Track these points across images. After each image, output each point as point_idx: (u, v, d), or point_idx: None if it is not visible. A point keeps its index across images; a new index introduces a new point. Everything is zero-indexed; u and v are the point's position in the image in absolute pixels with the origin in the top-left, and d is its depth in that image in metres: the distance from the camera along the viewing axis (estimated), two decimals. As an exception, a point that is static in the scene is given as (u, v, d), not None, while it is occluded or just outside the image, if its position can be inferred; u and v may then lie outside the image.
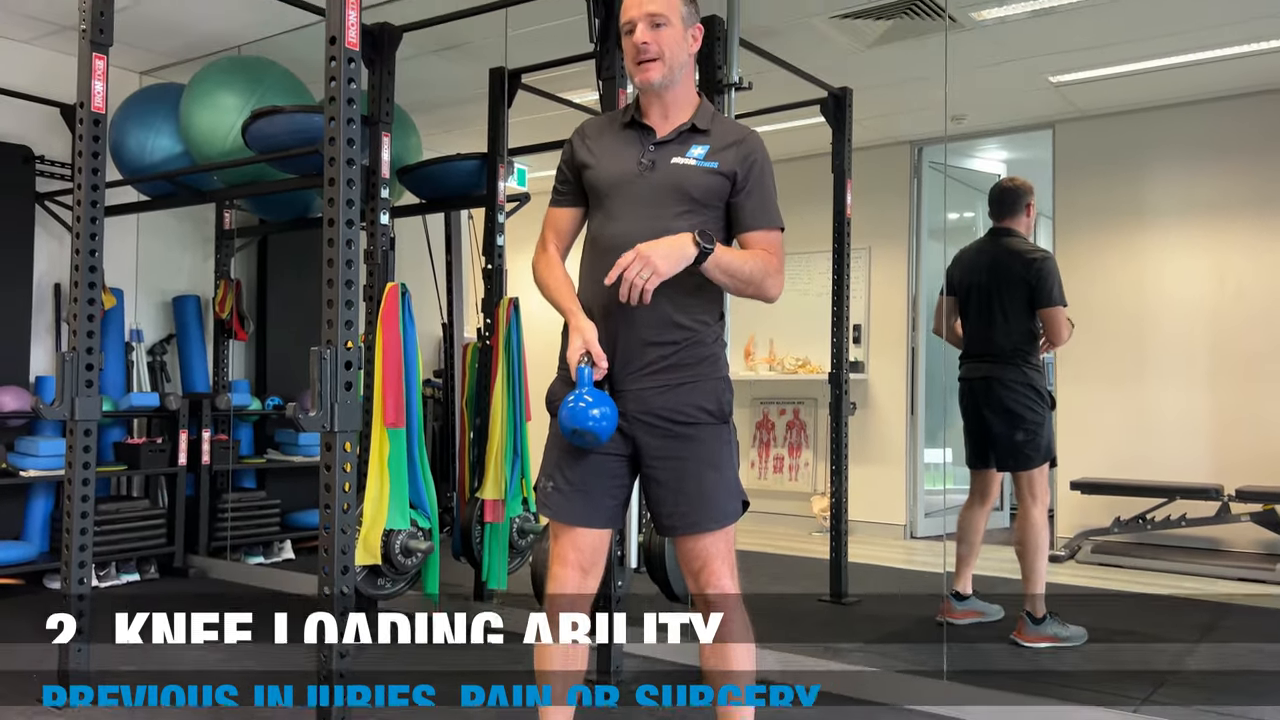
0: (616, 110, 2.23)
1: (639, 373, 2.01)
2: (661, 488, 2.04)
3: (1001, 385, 3.66)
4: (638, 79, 2.05)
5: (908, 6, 4.15)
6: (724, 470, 2.06)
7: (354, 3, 2.42)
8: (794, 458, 6.41)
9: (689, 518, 2.02)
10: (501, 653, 3.00)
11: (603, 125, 2.18)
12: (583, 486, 2.04)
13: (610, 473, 2.05)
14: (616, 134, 2.12)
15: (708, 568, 2.03)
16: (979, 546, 3.87)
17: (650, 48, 2.00)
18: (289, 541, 5.29)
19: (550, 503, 2.06)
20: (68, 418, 2.90)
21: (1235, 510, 4.90)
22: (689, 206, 2.02)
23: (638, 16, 2.01)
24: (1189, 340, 5.26)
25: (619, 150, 2.09)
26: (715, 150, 2.04)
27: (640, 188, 2.04)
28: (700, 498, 2.02)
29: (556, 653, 2.04)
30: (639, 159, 2.05)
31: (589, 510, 2.04)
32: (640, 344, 2.01)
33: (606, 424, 1.93)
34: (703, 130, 2.07)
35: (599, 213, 2.09)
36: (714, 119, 2.11)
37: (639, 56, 2.02)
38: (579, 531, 2.04)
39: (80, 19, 2.95)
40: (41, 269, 4.93)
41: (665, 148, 2.06)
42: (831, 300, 4.38)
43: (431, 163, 4.36)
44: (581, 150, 2.13)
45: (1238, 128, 5.17)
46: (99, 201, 2.99)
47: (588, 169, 2.10)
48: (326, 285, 2.38)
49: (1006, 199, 3.81)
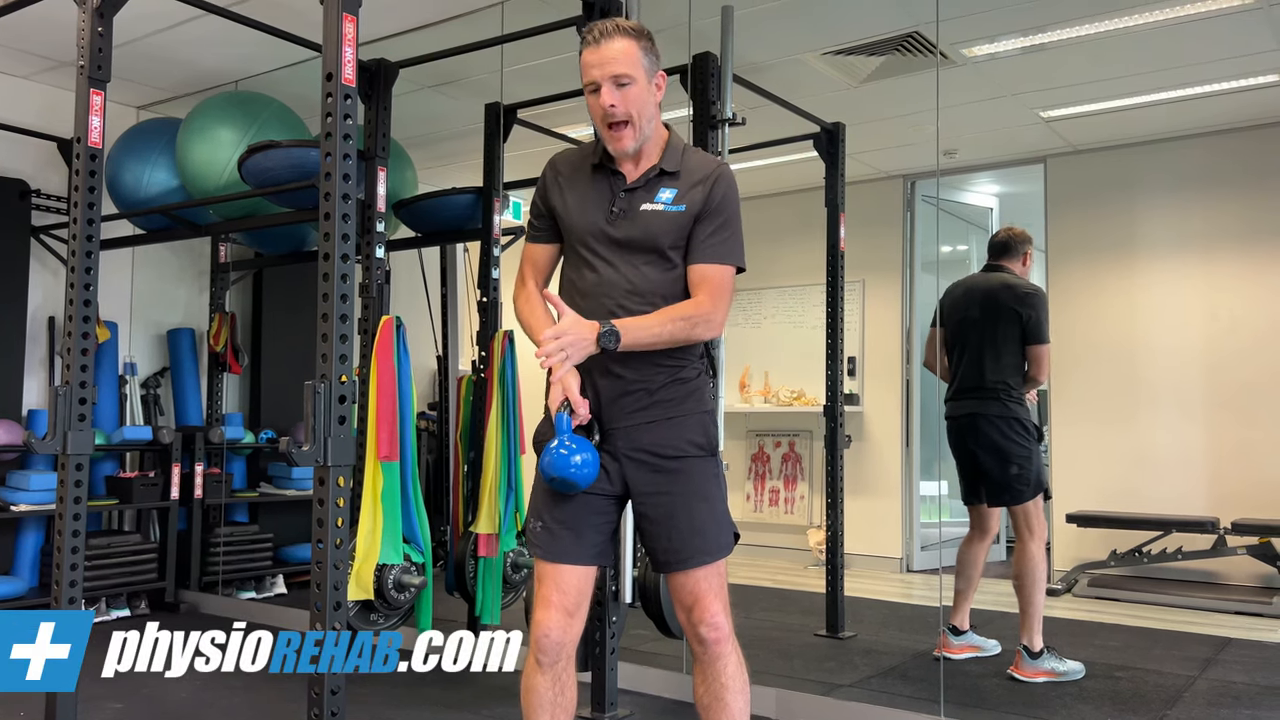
0: (586, 147, 2.18)
1: (625, 410, 2.02)
2: (654, 524, 2.03)
3: (987, 422, 3.69)
4: (612, 147, 2.03)
5: (899, 44, 4.20)
6: (714, 503, 2.06)
7: (351, 39, 2.44)
8: (789, 490, 6.39)
9: (681, 553, 2.01)
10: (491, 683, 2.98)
11: (575, 163, 2.14)
12: (570, 525, 2.03)
13: (597, 510, 2.05)
14: (587, 177, 2.10)
15: (700, 603, 2.01)
16: (978, 581, 3.86)
17: (618, 110, 1.97)
18: (281, 576, 5.25)
19: (539, 542, 2.05)
20: (60, 452, 2.88)
21: (1231, 543, 4.89)
22: (659, 253, 2.03)
23: (600, 78, 1.98)
24: (1182, 373, 5.27)
25: (590, 197, 2.07)
26: (683, 192, 2.03)
27: (613, 237, 2.03)
28: (691, 532, 2.01)
29: (546, 699, 2.01)
30: (609, 208, 2.04)
31: (577, 548, 2.03)
32: (624, 382, 2.02)
33: (587, 470, 1.93)
34: (671, 173, 2.06)
35: (574, 257, 2.10)
36: (683, 155, 2.09)
37: (607, 119, 2.00)
38: (564, 570, 2.02)
39: (78, 55, 2.98)
40: (36, 302, 4.94)
41: (635, 194, 2.04)
42: (826, 333, 4.39)
43: (427, 196, 4.38)
44: (554, 191, 2.12)
45: (1227, 162, 5.22)
46: (95, 235, 3.00)
47: (561, 211, 2.10)
48: (321, 319, 2.38)
49: (1008, 243, 3.89)
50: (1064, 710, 3.26)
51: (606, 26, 2.01)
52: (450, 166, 5.50)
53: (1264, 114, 5.00)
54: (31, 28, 4.23)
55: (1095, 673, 3.64)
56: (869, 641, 4.21)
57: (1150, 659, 3.93)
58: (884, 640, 4.26)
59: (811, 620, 4.42)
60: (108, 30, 3.01)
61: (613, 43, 1.98)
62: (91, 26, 2.97)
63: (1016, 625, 3.63)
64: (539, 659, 2.01)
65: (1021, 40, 4.20)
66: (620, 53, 1.98)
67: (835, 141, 4.38)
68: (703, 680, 2.04)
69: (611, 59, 1.98)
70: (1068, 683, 3.53)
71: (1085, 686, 3.51)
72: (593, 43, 1.99)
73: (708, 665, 2.03)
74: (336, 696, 2.34)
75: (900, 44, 4.20)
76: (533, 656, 2.02)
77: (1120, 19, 3.95)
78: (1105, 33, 4.06)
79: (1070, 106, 4.98)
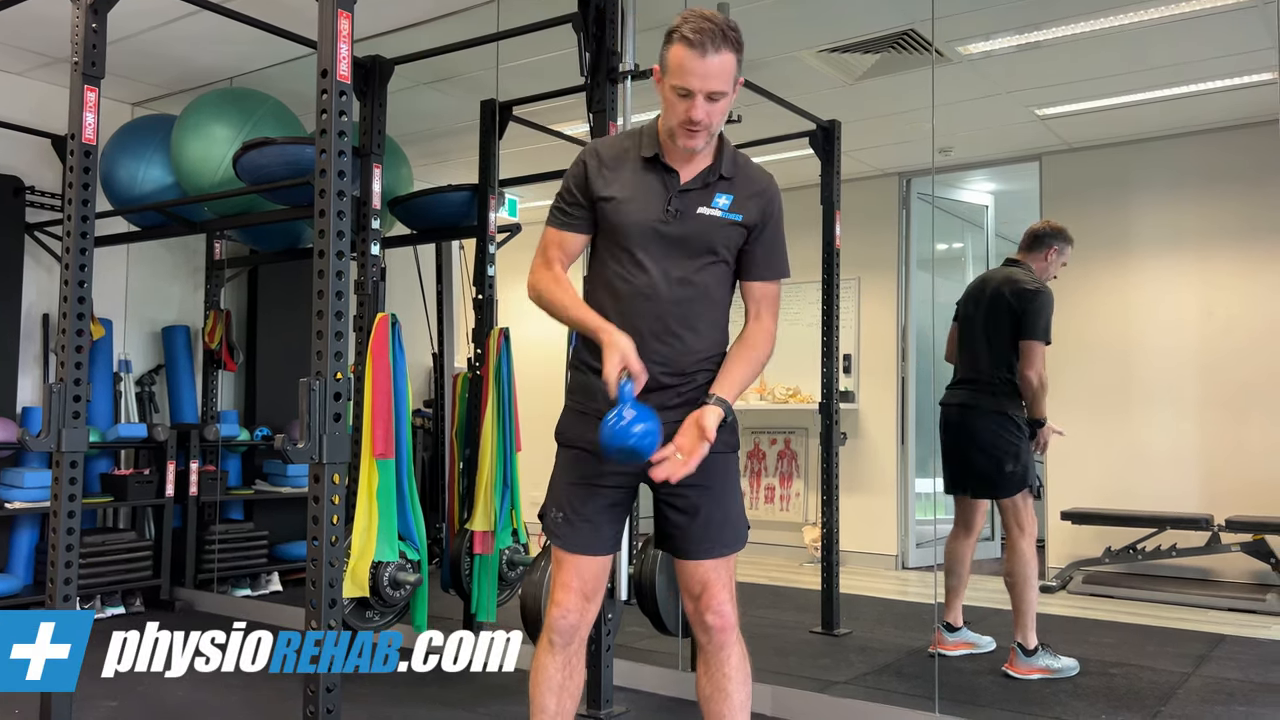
0: (629, 136, 2.11)
1: (663, 406, 1.98)
2: (681, 514, 2.04)
3: (975, 413, 3.71)
4: (681, 143, 1.96)
5: (895, 41, 4.20)
6: (738, 498, 2.10)
7: (346, 36, 2.44)
8: (785, 488, 6.39)
9: (704, 543, 2.04)
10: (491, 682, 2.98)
11: (619, 154, 2.06)
12: (591, 518, 2.04)
13: (617, 501, 2.07)
14: (637, 170, 2.03)
15: (708, 590, 2.03)
16: (967, 577, 3.87)
17: (706, 122, 1.93)
18: (276, 573, 5.25)
19: (560, 532, 2.06)
20: (54, 449, 2.88)
21: (1225, 540, 4.90)
22: (713, 259, 2.03)
23: (699, 89, 1.90)
24: (1177, 370, 5.28)
25: (642, 192, 2.01)
26: (739, 200, 2.02)
27: (667, 237, 2.00)
28: (719, 525, 2.04)
29: (555, 681, 2.03)
30: (664, 206, 2.00)
31: (595, 540, 2.05)
32: (667, 378, 2.01)
33: (650, 440, 1.84)
34: (727, 177, 2.03)
35: (621, 254, 2.03)
36: (735, 162, 2.06)
37: (689, 126, 1.94)
38: (583, 560, 2.04)
39: (72, 51, 2.97)
40: (30, 299, 4.92)
41: (690, 195, 2.01)
42: (821, 330, 4.39)
43: (423, 194, 4.37)
44: (598, 180, 2.03)
45: (1221, 160, 5.22)
46: (89, 232, 2.99)
47: (608, 204, 2.02)
48: (316, 316, 2.38)
49: (1034, 236, 3.84)
50: (1058, 707, 3.27)
51: (713, 32, 1.89)
52: (446, 163, 5.49)
53: (1259, 112, 5.00)
54: (26, 24, 4.22)
55: (1090, 669, 3.65)
56: (864, 638, 4.22)
57: (1144, 655, 3.94)
58: (879, 637, 4.27)
59: (807, 617, 4.42)
60: (102, 26, 3.00)
61: (719, 56, 1.89)
62: (85, 22, 2.96)
63: (1010, 622, 3.64)
64: (553, 639, 2.03)
65: (1017, 38, 4.20)
66: (723, 69, 1.90)
67: (831, 139, 4.38)
68: (706, 671, 2.05)
69: (714, 75, 1.90)
70: (1062, 679, 3.53)
71: (1080, 683, 3.52)
72: (697, 47, 1.88)
73: (712, 655, 2.04)
74: (332, 694, 2.34)
75: (896, 41, 4.20)
76: (545, 638, 2.04)
77: (1115, 17, 3.96)
78: (1100, 30, 4.07)
79: (1065, 104, 4.98)
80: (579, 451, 2.06)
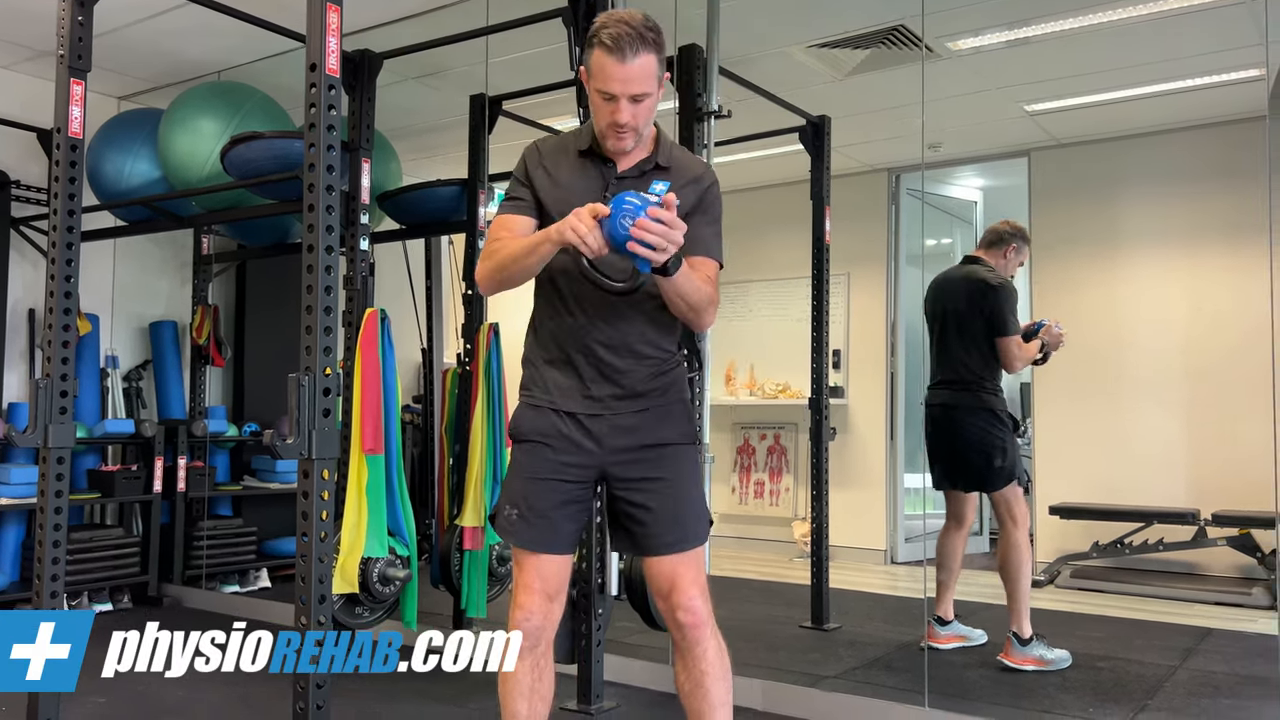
0: (569, 134, 2.15)
1: (610, 400, 2.02)
2: (638, 510, 2.04)
3: (959, 410, 3.75)
4: (610, 144, 2.00)
5: (885, 37, 4.20)
6: (697, 491, 2.09)
7: (335, 30, 2.42)
8: (775, 483, 6.40)
9: (663, 539, 2.02)
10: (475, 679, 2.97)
11: (558, 148, 2.10)
12: (546, 514, 2.03)
13: (574, 498, 2.05)
14: (573, 163, 2.06)
15: (677, 587, 2.02)
16: (958, 571, 3.89)
17: (631, 123, 1.95)
18: (265, 570, 5.23)
19: (514, 530, 2.04)
20: (40, 445, 2.86)
21: (1212, 534, 4.93)
22: None
23: (620, 93, 1.92)
24: (1165, 365, 5.30)
25: (580, 181, 2.04)
26: (676, 188, 1.99)
27: None
28: (675, 519, 2.03)
29: (525, 685, 2.02)
30: (603, 194, 2.00)
31: (554, 538, 2.03)
32: (610, 373, 2.03)
33: (639, 198, 1.79)
34: (664, 167, 2.05)
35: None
36: (672, 152, 2.08)
37: (616, 129, 1.96)
38: (544, 558, 2.03)
39: (58, 44, 2.95)
40: (16, 294, 4.89)
41: (626, 183, 2.01)
42: (811, 326, 4.40)
43: (412, 188, 4.36)
44: (538, 171, 2.07)
45: (1210, 156, 5.24)
46: (75, 227, 2.98)
47: (543, 195, 2.05)
48: (305, 311, 2.37)
49: (993, 235, 3.90)
50: (1046, 700, 3.28)
51: (630, 36, 1.90)
52: (435, 158, 5.47)
53: (1247, 108, 5.02)
54: (11, 17, 4.19)
55: (1077, 663, 3.66)
56: (854, 633, 4.23)
57: (1132, 649, 3.96)
58: (869, 632, 4.28)
59: (796, 612, 4.43)
60: (88, 19, 2.98)
61: (639, 59, 1.90)
62: (71, 15, 2.94)
63: (1001, 616, 3.66)
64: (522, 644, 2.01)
65: (1006, 34, 4.21)
66: (644, 71, 1.91)
67: (820, 134, 4.38)
68: (683, 667, 2.05)
69: (635, 78, 1.91)
70: (1050, 673, 3.55)
71: (1068, 676, 3.54)
72: (615, 53, 1.89)
73: (687, 651, 2.03)
74: (322, 690, 2.34)
75: (886, 37, 4.21)
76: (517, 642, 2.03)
77: (1104, 13, 3.97)
78: (1089, 27, 4.08)
79: (1054, 100, 4.99)
80: (534, 444, 2.06)
